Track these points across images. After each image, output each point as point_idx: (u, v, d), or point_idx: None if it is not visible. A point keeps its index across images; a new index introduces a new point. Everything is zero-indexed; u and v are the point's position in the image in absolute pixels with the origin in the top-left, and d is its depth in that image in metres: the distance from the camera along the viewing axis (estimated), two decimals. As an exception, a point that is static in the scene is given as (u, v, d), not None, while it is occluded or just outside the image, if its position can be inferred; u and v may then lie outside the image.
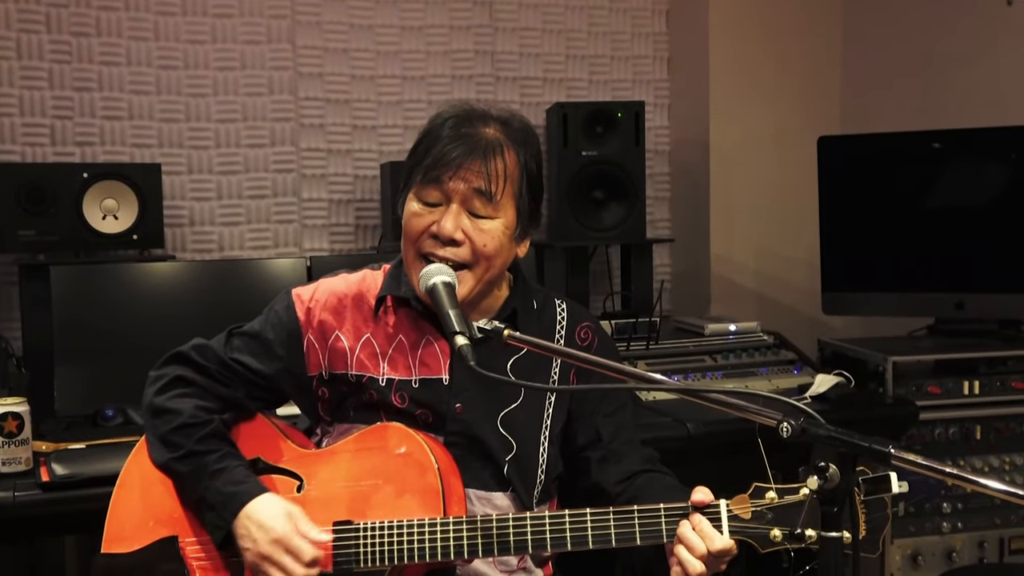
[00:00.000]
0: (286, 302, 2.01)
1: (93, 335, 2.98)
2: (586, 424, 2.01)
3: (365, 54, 3.88)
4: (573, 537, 1.72)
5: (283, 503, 1.84)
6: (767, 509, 1.61)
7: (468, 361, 1.62)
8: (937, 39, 3.76)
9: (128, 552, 1.90)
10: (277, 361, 1.98)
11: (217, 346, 2.00)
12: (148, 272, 3.12)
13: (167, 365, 2.01)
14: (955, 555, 3.11)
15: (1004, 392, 3.10)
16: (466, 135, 1.87)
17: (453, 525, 1.75)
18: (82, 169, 3.26)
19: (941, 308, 3.37)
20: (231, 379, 1.97)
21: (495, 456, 1.93)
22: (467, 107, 1.94)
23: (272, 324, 2.00)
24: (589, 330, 2.06)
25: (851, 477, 1.38)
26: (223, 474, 1.86)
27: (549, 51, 4.08)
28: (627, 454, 1.99)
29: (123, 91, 3.61)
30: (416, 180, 1.89)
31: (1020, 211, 3.24)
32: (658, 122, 4.19)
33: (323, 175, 3.85)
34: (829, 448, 1.39)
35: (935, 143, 3.37)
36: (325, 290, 2.02)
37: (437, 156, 1.85)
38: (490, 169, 1.85)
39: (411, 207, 1.90)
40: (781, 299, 4.11)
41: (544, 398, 1.98)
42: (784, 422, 1.41)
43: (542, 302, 2.06)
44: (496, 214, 1.88)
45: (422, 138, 1.92)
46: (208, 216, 3.74)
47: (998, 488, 1.37)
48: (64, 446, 2.56)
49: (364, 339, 1.97)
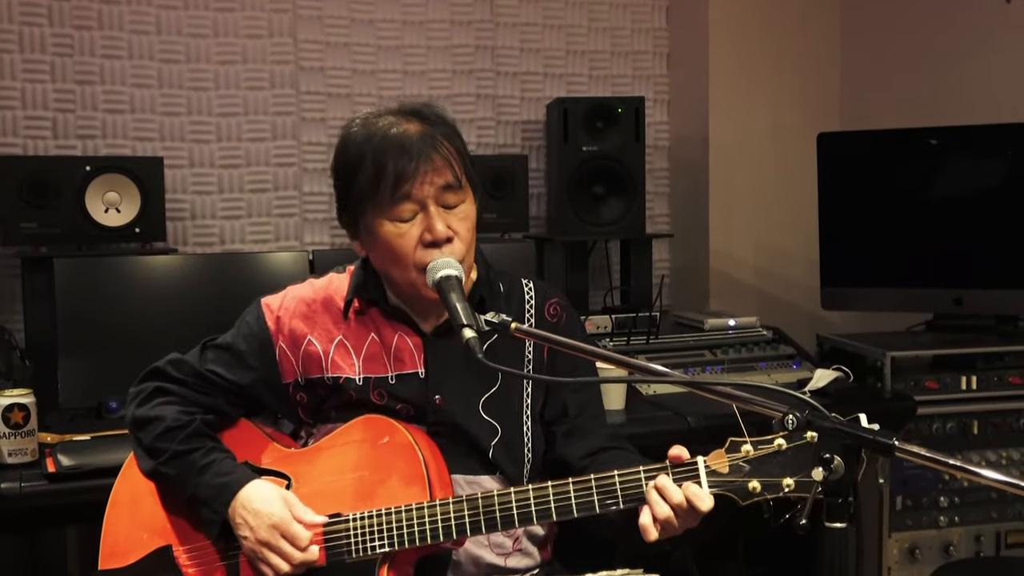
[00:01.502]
0: (256, 312, 2.03)
1: (96, 327, 2.99)
2: (555, 398, 2.03)
3: (366, 48, 3.89)
4: (558, 507, 1.72)
5: (277, 489, 1.86)
6: (743, 462, 1.62)
7: (476, 353, 1.64)
8: (935, 36, 3.78)
9: (124, 567, 1.92)
10: (251, 372, 2.00)
11: (192, 359, 2.02)
12: (151, 265, 3.13)
13: (145, 381, 2.03)
14: (952, 548, 3.13)
15: (1001, 387, 3.12)
16: (406, 141, 1.85)
17: (440, 507, 1.77)
18: (85, 162, 3.27)
19: (940, 304, 3.39)
20: (209, 389, 2.00)
21: (480, 442, 1.95)
22: (381, 112, 1.92)
23: (244, 335, 2.02)
24: (557, 306, 2.08)
25: (856, 469, 1.40)
26: (211, 467, 1.88)
27: (549, 46, 4.09)
28: (592, 430, 2.03)
29: (125, 84, 3.62)
30: (380, 204, 1.86)
31: (1017, 207, 3.27)
32: (658, 118, 4.21)
33: (324, 169, 3.85)
34: (834, 440, 1.41)
35: (934, 140, 3.39)
36: (293, 297, 2.04)
37: (396, 173, 1.83)
38: (445, 159, 1.86)
39: (388, 230, 1.87)
40: (779, 294, 4.13)
41: (522, 379, 2.00)
42: (790, 414, 1.44)
43: (508, 285, 2.08)
44: (464, 197, 1.90)
45: (355, 162, 1.87)
46: (209, 210, 3.75)
47: (998, 479, 1.38)
48: (69, 437, 2.58)
49: (336, 341, 1.99)
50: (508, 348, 1.97)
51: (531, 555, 2.01)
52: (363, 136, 1.89)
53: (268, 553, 1.81)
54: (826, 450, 1.40)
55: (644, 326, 3.35)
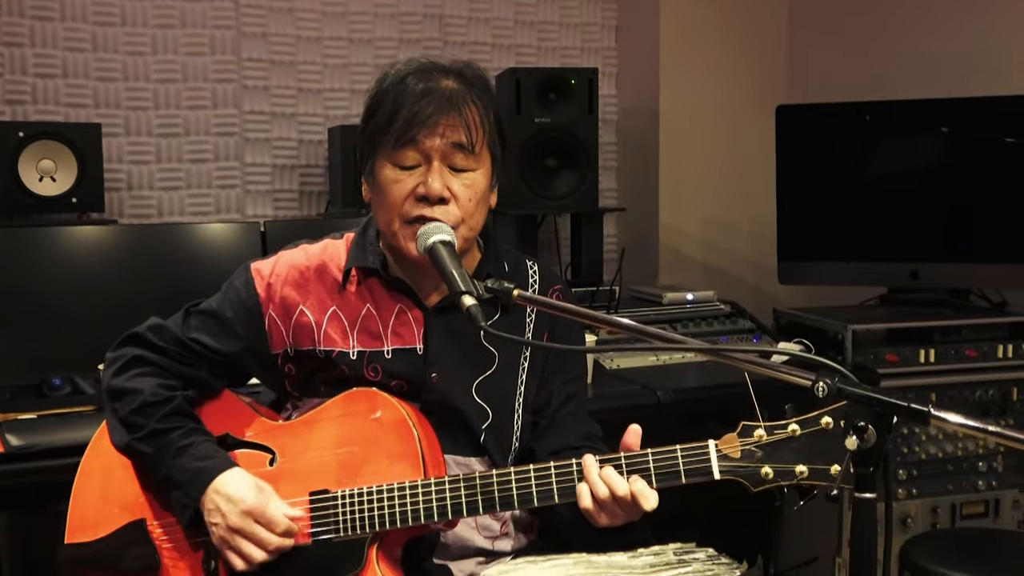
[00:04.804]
0: (245, 278, 1.93)
1: (31, 301, 2.83)
2: (543, 387, 1.97)
3: (310, 15, 3.76)
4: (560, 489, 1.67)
5: (252, 477, 1.77)
6: (756, 447, 1.59)
7: (479, 322, 1.57)
8: (886, 9, 3.78)
9: (93, 540, 1.82)
10: (237, 340, 1.90)
11: (174, 326, 1.91)
12: (89, 236, 2.97)
13: (123, 346, 1.92)
14: (910, 520, 3.13)
15: (959, 360, 3.13)
16: (432, 90, 1.80)
17: (435, 486, 1.70)
18: (17, 128, 3.10)
19: (896, 277, 3.39)
20: (191, 359, 1.89)
21: (472, 424, 1.88)
22: (422, 62, 1.87)
23: (231, 301, 1.91)
24: (560, 293, 2.02)
25: (887, 438, 1.35)
26: (188, 450, 1.78)
27: (498, 16, 4.01)
28: (568, 426, 1.96)
29: (57, 48, 3.44)
30: (386, 145, 1.80)
31: (972, 181, 3.28)
32: (606, 91, 4.14)
33: (267, 139, 3.73)
34: (865, 408, 1.36)
35: (889, 114, 3.38)
36: (286, 263, 1.93)
37: (408, 116, 1.77)
38: (467, 120, 1.79)
39: (387, 174, 1.81)
40: (729, 269, 4.11)
41: (518, 365, 1.93)
42: (820, 382, 1.38)
43: (514, 264, 2.01)
44: (477, 165, 1.83)
45: (379, 100, 1.83)
46: (147, 180, 3.60)
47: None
48: (14, 416, 2.43)
49: (330, 312, 1.89)
50: (508, 328, 1.87)
51: (517, 538, 1.93)
52: (396, 79, 1.83)
53: (240, 540, 1.72)
54: (858, 418, 1.34)
55: (602, 300, 3.30)
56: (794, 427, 1.56)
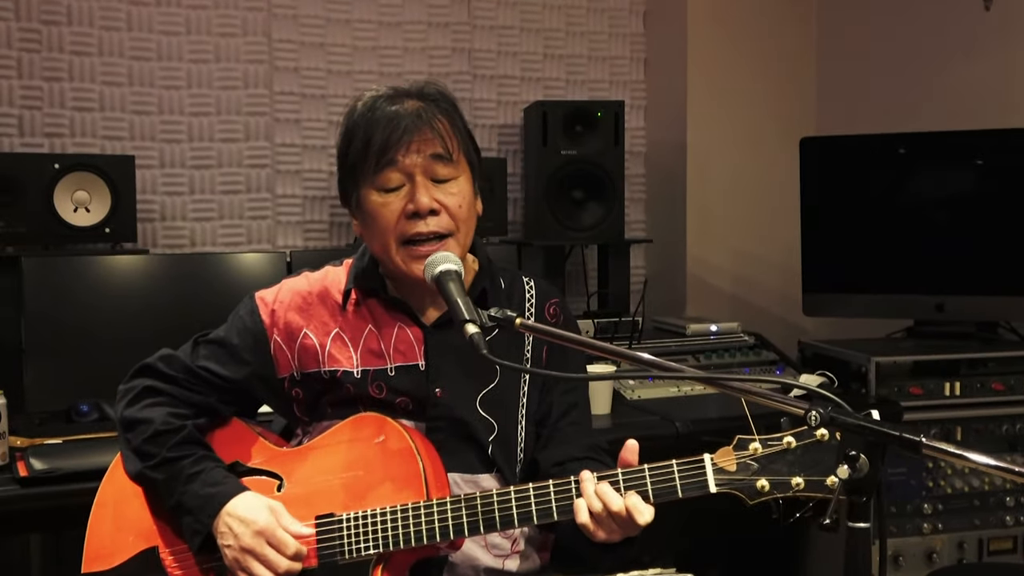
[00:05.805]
0: (250, 306, 1.99)
1: (65, 329, 2.91)
2: (544, 398, 2.00)
3: (342, 49, 3.82)
4: (558, 507, 1.68)
5: (264, 499, 1.80)
6: (752, 460, 1.59)
7: (480, 349, 1.60)
8: (913, 41, 3.78)
9: (109, 569, 1.86)
10: (245, 367, 1.95)
11: (184, 355, 1.97)
12: (121, 265, 3.05)
13: (135, 378, 1.98)
14: (935, 556, 3.11)
15: (984, 394, 3.11)
16: (399, 112, 1.85)
17: (437, 507, 1.72)
18: (53, 160, 3.17)
19: (921, 310, 3.37)
20: (200, 386, 1.94)
21: (478, 438, 1.91)
22: (386, 89, 1.92)
23: (238, 330, 1.97)
24: (557, 306, 2.05)
25: (880, 467, 1.35)
26: (200, 476, 1.83)
27: (527, 50, 4.06)
28: (571, 437, 1.98)
29: (94, 82, 3.53)
30: (367, 172, 1.85)
31: (997, 214, 3.26)
32: (634, 123, 4.17)
33: (298, 171, 3.79)
34: (857, 437, 1.36)
35: (916, 145, 3.38)
36: (288, 290, 1.99)
37: (383, 139, 1.83)
38: (439, 131, 1.85)
39: (373, 200, 1.86)
40: (755, 301, 4.11)
41: (520, 377, 1.97)
42: (813, 411, 1.39)
43: (509, 280, 2.05)
44: (457, 173, 1.88)
45: (352, 130, 1.88)
46: (180, 211, 3.66)
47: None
48: (40, 441, 2.49)
49: (333, 334, 1.94)
50: (507, 346, 1.93)
51: (530, 557, 1.95)
52: (362, 111, 1.88)
53: (252, 561, 1.75)
54: (850, 447, 1.35)
55: (625, 331, 3.31)
56: (789, 439, 1.56)
